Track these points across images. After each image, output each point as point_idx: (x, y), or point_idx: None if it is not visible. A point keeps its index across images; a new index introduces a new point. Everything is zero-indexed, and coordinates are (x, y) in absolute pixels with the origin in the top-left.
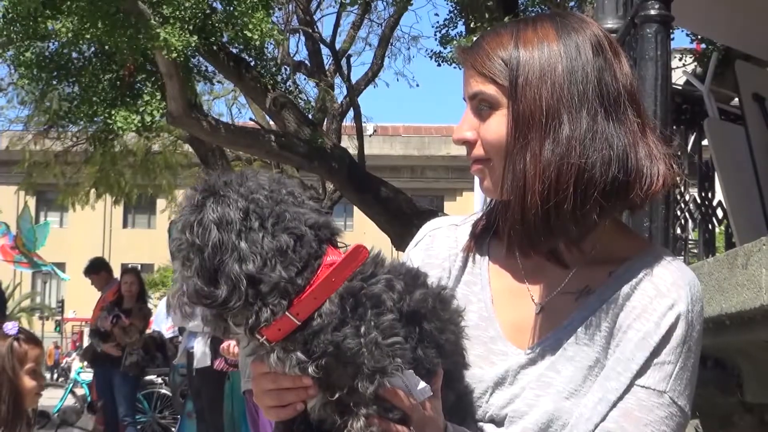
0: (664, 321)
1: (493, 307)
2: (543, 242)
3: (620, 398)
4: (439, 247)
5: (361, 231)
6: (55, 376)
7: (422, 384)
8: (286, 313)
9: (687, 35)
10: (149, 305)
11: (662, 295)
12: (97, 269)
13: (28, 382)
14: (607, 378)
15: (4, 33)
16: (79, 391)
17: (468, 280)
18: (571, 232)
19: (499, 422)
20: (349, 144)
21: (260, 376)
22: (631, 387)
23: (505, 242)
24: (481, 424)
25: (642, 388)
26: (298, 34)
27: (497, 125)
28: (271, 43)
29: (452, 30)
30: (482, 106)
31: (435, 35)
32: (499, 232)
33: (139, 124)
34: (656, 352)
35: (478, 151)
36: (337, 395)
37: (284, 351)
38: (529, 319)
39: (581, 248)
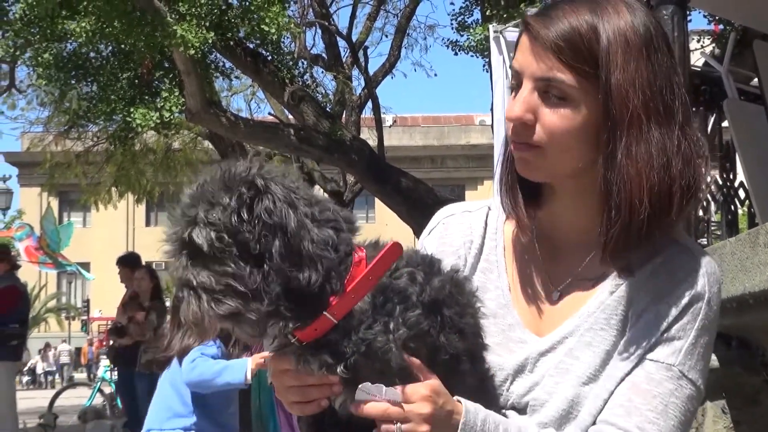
0: (679, 303)
1: (510, 294)
2: (635, 251)
3: (629, 373)
4: (453, 235)
5: (383, 222)
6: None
7: (389, 389)
8: (325, 312)
9: (704, 16)
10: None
11: (678, 279)
12: (121, 262)
13: None
14: (619, 356)
15: (22, 35)
16: (107, 390)
17: (484, 267)
18: (656, 238)
19: (520, 410)
20: (368, 135)
21: (282, 373)
22: (642, 362)
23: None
24: (503, 411)
25: (651, 362)
26: (314, 27)
27: (570, 118)
28: (287, 37)
29: (468, 18)
30: (552, 92)
31: (451, 23)
32: (512, 217)
33: (158, 122)
34: (667, 329)
35: (537, 136)
36: None
37: (313, 351)
38: (547, 305)
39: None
